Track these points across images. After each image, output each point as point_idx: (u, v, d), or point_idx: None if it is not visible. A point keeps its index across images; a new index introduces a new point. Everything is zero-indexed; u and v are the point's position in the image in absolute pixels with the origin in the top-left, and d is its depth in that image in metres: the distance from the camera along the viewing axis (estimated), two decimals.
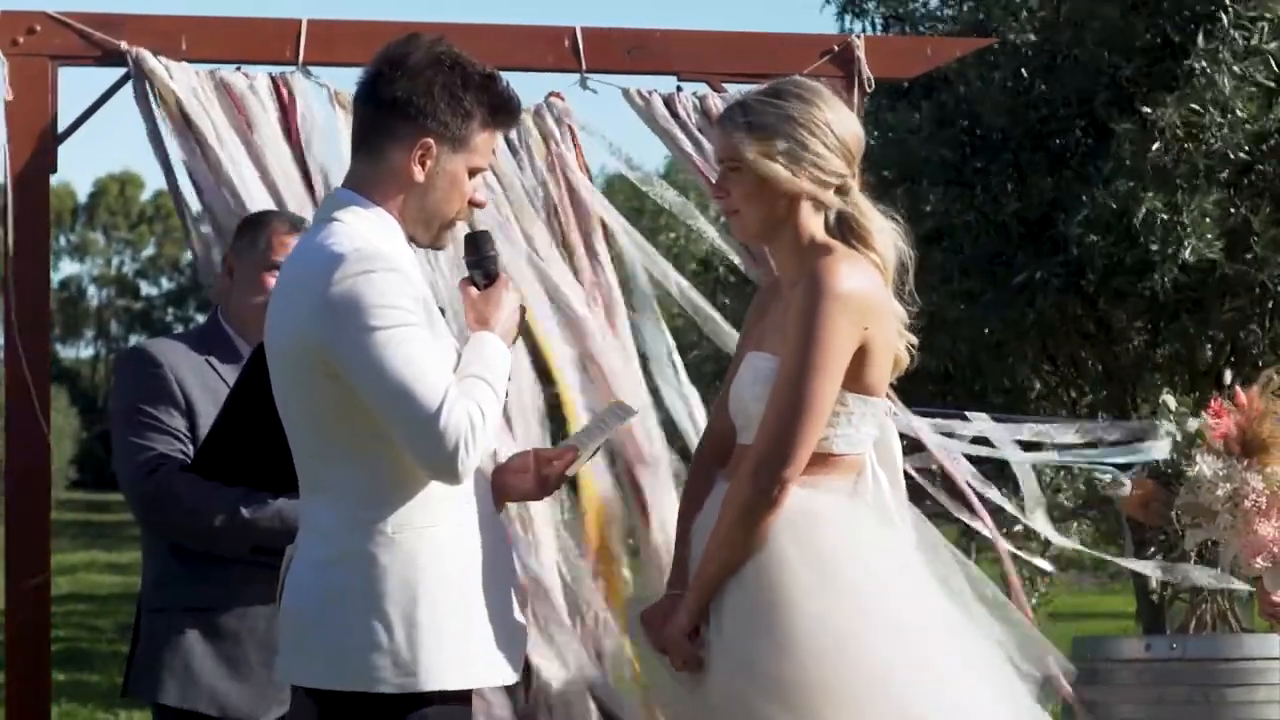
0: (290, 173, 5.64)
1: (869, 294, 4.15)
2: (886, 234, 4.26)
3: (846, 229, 4.24)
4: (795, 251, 4.22)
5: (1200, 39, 9.40)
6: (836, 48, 6.06)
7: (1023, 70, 10.22)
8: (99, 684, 20.10)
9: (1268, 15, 9.44)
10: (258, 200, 5.49)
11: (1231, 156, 9.51)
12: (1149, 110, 9.40)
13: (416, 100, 3.84)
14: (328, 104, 5.78)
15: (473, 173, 3.92)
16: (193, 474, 4.73)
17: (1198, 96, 9.35)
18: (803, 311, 4.10)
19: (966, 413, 6.01)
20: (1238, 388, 5.73)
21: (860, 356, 4.16)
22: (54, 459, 5.69)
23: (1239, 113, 9.34)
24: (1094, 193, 9.59)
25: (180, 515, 4.73)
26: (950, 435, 5.84)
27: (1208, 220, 9.36)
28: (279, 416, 4.29)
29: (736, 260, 6.15)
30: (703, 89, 6.00)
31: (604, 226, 5.88)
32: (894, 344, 4.25)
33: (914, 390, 9.31)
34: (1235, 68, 9.36)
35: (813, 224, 4.22)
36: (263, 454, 4.61)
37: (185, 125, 5.59)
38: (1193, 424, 5.77)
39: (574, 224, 5.87)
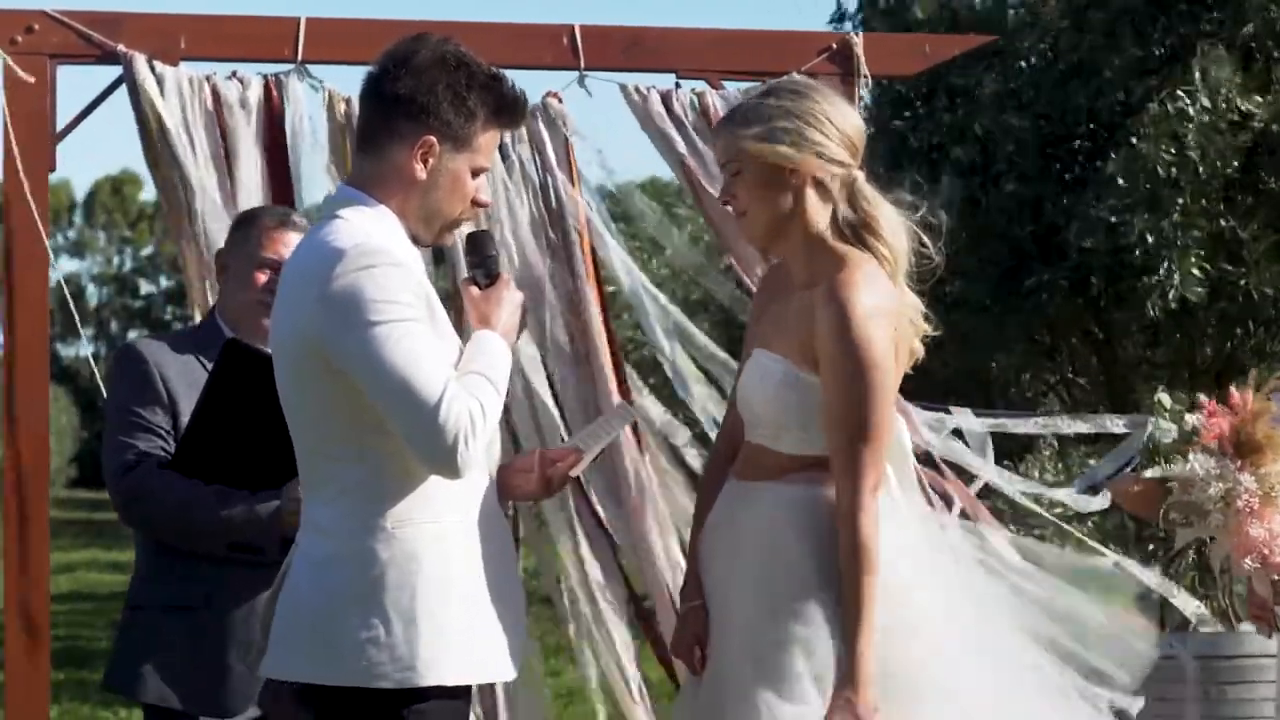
0: (255, 191, 5.66)
1: (888, 301, 4.14)
2: (895, 221, 4.22)
3: (856, 220, 4.21)
4: (804, 248, 4.19)
5: (1178, 70, 9.46)
6: (835, 46, 6.07)
7: (1034, 80, 10.24)
8: (98, 682, 20.11)
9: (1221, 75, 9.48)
10: (219, 217, 5.53)
11: (1220, 172, 9.53)
12: (1135, 140, 9.42)
13: (420, 99, 3.83)
14: (321, 110, 5.79)
15: (476, 172, 3.91)
16: (172, 471, 4.74)
17: (1174, 124, 9.39)
18: (837, 336, 4.05)
19: (951, 408, 6.01)
20: (1232, 388, 5.71)
21: (894, 373, 4.16)
22: (53, 457, 5.69)
23: (1239, 106, 9.35)
24: (1091, 207, 9.62)
25: (157, 512, 4.75)
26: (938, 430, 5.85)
27: (1190, 243, 9.41)
28: (253, 414, 4.30)
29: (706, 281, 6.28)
30: (701, 86, 6.00)
31: (583, 238, 5.92)
32: (907, 343, 4.24)
33: (909, 387, 9.33)
34: (1205, 103, 9.39)
35: (820, 218, 4.18)
36: (238, 452, 4.63)
37: (164, 138, 5.61)
38: (1190, 420, 5.76)
39: (557, 234, 5.91)
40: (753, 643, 4.09)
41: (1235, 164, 9.58)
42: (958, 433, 6.04)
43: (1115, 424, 6.17)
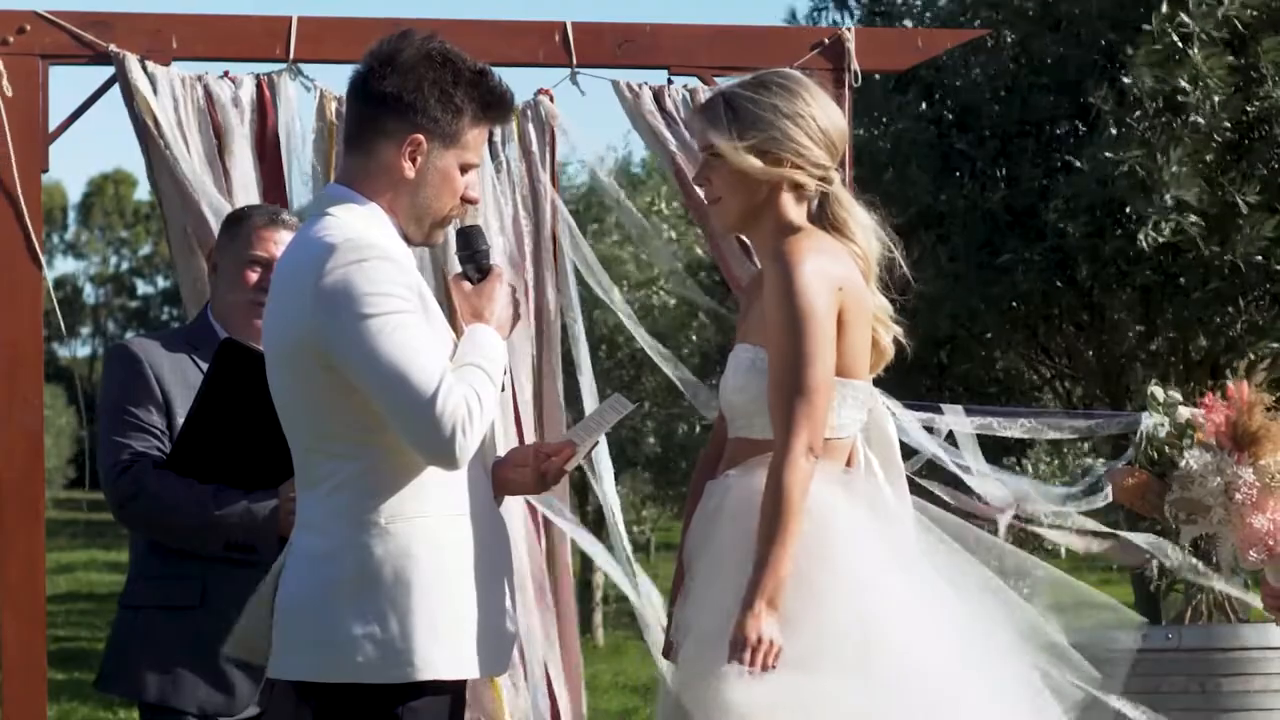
0: (250, 188, 5.67)
1: (836, 268, 4.14)
2: (867, 228, 4.25)
3: (827, 221, 4.24)
4: (773, 237, 4.21)
5: (1164, 6, 9.40)
6: (827, 40, 6.07)
7: (1013, 56, 10.23)
8: None
9: None
10: (215, 215, 5.54)
11: (1217, 138, 9.50)
12: (1127, 79, 9.39)
13: (406, 97, 3.83)
14: (312, 109, 5.79)
15: (465, 169, 3.92)
16: (167, 471, 4.74)
17: (1166, 63, 9.35)
18: (778, 290, 4.08)
19: (942, 405, 6.01)
20: (1229, 382, 5.71)
21: (835, 334, 4.14)
22: (51, 458, 5.70)
23: (1211, 84, 9.33)
24: (1075, 176, 9.59)
25: (153, 512, 4.75)
26: (929, 429, 5.86)
27: (1185, 170, 9.34)
28: (248, 413, 4.29)
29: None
30: (693, 82, 6.01)
31: (557, 242, 5.94)
32: (868, 322, 4.24)
33: (908, 383, 9.32)
34: (1201, 33, 9.35)
35: (793, 214, 4.21)
36: (234, 451, 4.62)
37: (159, 137, 5.61)
38: (1183, 414, 5.76)
39: (538, 237, 5.93)
40: (706, 625, 4.09)
41: (1230, 125, 9.56)
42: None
43: (1103, 427, 6.17)
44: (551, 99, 5.96)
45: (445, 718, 3.83)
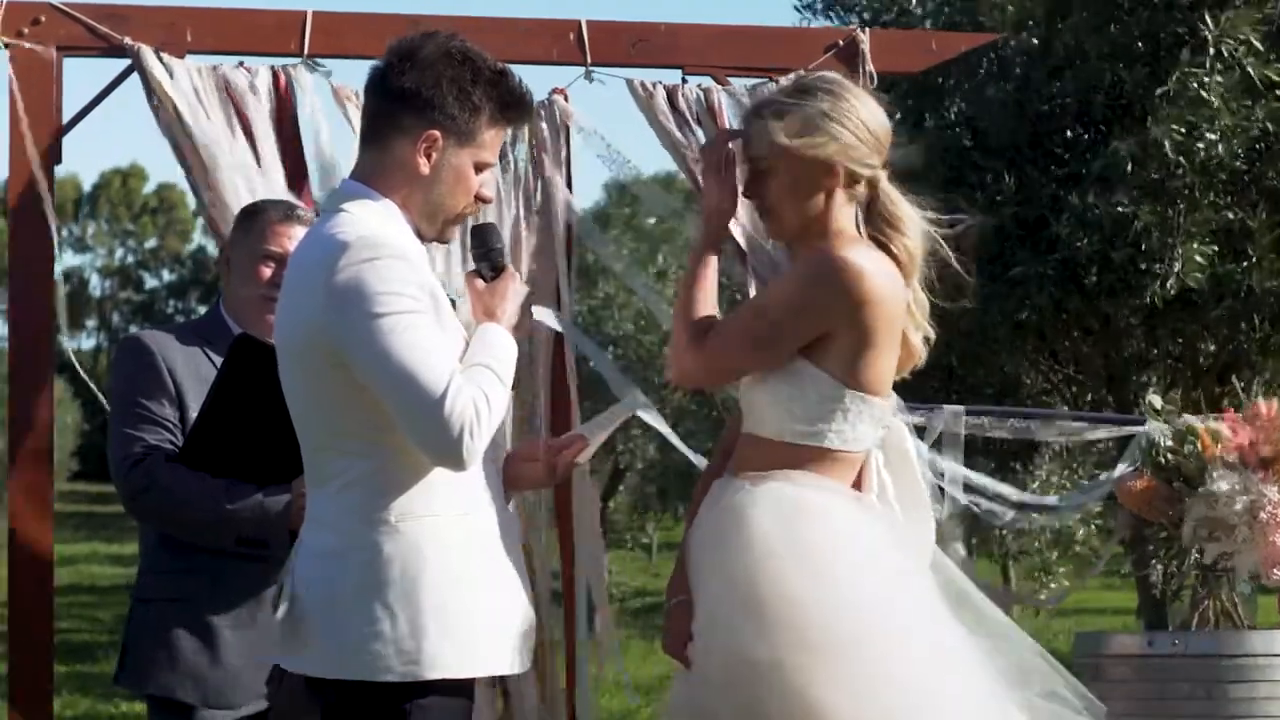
0: (275, 171, 5.66)
1: (874, 275, 4.13)
2: (916, 222, 4.26)
3: (877, 218, 4.24)
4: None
5: (1186, 53, 9.44)
6: (841, 42, 6.07)
7: (1022, 73, 10.24)
8: (100, 675, 20.13)
9: (1240, 36, 9.49)
10: (241, 201, 5.53)
11: (1227, 165, 9.53)
12: (1141, 130, 9.42)
13: (425, 93, 3.84)
14: (329, 99, 5.79)
15: (480, 168, 3.92)
16: (179, 464, 4.73)
17: (1186, 112, 9.39)
18: (803, 266, 4.15)
19: (945, 406, 6.00)
20: (1259, 400, 5.71)
21: (857, 349, 4.13)
22: (56, 450, 5.69)
23: (1228, 119, 9.35)
24: (1086, 196, 9.60)
25: (165, 506, 4.74)
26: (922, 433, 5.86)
27: (1194, 230, 9.41)
28: (262, 408, 4.29)
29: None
30: (707, 82, 6.01)
31: (569, 243, 5.94)
32: (898, 339, 4.23)
33: (917, 385, 9.31)
34: (1220, 79, 9.39)
35: (844, 218, 4.21)
36: (247, 445, 4.62)
37: (180, 126, 5.60)
38: (1183, 421, 5.76)
39: (546, 237, 5.93)
40: (728, 634, 4.10)
41: (1241, 153, 9.57)
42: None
43: (1094, 432, 6.17)
44: (566, 98, 5.96)
45: (454, 715, 3.83)
